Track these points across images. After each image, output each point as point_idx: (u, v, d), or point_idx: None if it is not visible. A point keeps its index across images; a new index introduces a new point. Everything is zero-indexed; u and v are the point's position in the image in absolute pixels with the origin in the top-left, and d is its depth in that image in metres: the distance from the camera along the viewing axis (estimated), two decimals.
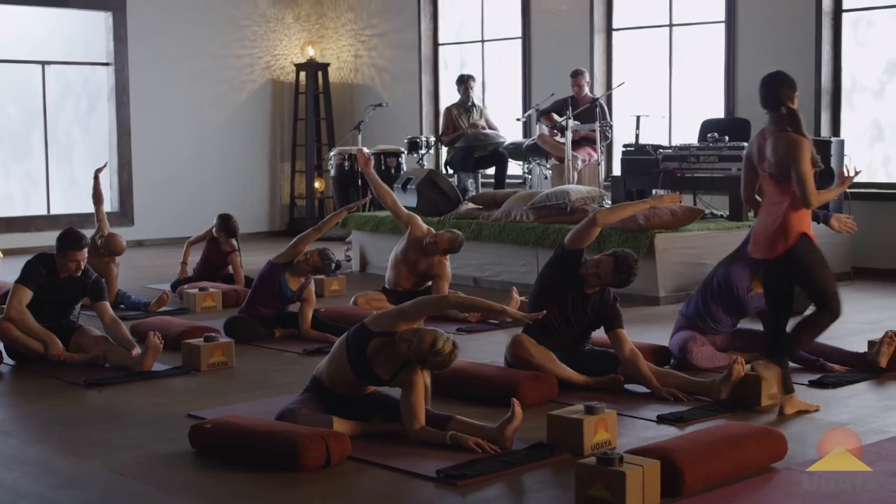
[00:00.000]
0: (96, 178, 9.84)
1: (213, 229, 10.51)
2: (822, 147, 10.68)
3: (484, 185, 13.22)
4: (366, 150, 10.51)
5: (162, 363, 7.18)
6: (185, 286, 10.02)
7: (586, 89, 12.26)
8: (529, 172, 13.02)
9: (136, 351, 7.08)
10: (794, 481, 4.73)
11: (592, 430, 5.12)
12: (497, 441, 5.19)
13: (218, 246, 10.50)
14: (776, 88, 5.83)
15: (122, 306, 9.33)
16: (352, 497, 4.71)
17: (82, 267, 7.35)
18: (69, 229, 7.42)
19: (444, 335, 5.29)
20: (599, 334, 6.77)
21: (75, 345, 7.35)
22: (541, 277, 6.72)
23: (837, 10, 11.58)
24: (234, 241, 10.45)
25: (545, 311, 5.72)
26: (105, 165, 10.22)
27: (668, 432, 5.47)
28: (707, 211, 10.56)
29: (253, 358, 7.58)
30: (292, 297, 8.24)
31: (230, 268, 10.48)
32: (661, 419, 5.78)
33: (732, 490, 4.63)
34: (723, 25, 12.35)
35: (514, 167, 13.36)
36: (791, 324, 6.01)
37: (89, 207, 10.00)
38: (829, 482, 4.64)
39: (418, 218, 9.27)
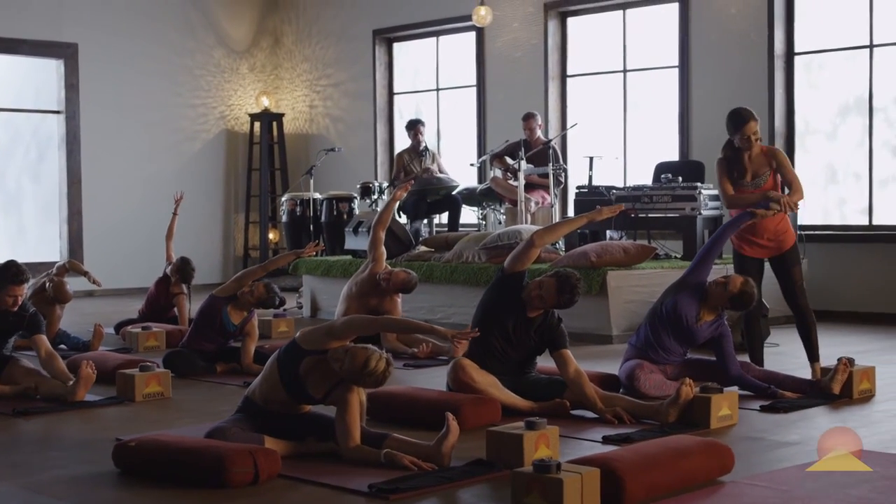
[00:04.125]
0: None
1: (168, 268, 10.30)
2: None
3: (438, 231, 13.06)
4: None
5: (96, 394, 6.94)
6: (129, 326, 9.79)
7: (538, 132, 12.19)
8: (484, 218, 12.89)
9: (71, 381, 6.84)
10: (739, 493, 4.55)
11: (533, 446, 4.92)
12: (434, 458, 4.99)
13: (167, 287, 10.29)
14: None
15: (62, 346, 9.07)
16: None
17: (19, 303, 7.11)
18: (10, 262, 7.12)
19: (376, 353, 5.09)
20: (546, 364, 6.61)
21: (7, 376, 7.07)
22: (482, 303, 6.52)
23: (790, 53, 11.59)
24: (184, 287, 10.24)
25: (478, 330, 5.53)
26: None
27: None
28: (662, 252, 10.45)
29: (191, 389, 7.34)
30: (234, 332, 8.03)
31: (175, 310, 10.25)
32: (607, 440, 5.60)
33: (677, 501, 4.45)
34: (676, 70, 12.34)
35: (469, 214, 13.23)
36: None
37: (38, 257, 9.82)
38: (777, 494, 4.48)
39: (384, 257, 9.16)
